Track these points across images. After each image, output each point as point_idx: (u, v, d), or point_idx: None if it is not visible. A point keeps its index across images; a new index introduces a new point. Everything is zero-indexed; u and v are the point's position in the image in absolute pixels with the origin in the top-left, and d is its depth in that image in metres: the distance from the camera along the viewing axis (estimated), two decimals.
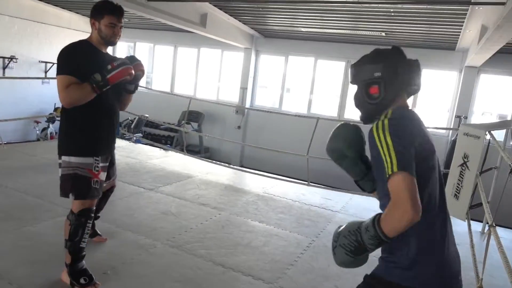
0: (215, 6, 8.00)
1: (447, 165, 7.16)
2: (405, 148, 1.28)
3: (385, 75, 1.44)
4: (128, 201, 4.09)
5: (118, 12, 2.36)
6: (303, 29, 8.81)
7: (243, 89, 10.37)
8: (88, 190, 2.36)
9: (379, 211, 1.44)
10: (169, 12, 7.12)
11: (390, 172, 1.26)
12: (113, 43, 2.42)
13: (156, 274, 2.78)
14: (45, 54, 10.33)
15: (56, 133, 10.16)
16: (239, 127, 10.35)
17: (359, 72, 1.52)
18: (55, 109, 10.41)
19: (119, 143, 6.94)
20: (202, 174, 5.53)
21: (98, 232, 3.13)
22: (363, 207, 4.89)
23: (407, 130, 1.35)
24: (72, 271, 2.43)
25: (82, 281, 2.42)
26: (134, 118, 9.25)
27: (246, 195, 4.83)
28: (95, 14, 2.35)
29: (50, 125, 10.08)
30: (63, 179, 2.37)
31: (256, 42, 10.31)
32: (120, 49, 12.64)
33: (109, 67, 2.26)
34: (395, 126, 1.33)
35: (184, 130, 8.05)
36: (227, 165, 6.57)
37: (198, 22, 8.04)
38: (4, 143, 5.67)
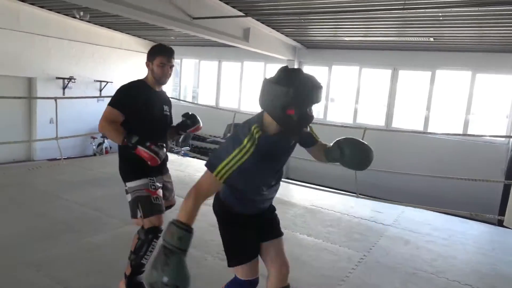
0: (257, 20, 8.14)
1: (509, 175, 6.70)
2: None
3: None
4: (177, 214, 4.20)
5: (167, 52, 2.54)
6: (346, 38, 8.71)
7: None
8: (151, 207, 2.49)
9: (433, 224, 1.41)
10: (213, 28, 7.34)
11: None
12: (163, 83, 2.59)
13: (208, 287, 2.81)
14: (99, 73, 11.02)
15: (110, 147, 10.73)
16: None
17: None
18: None
19: (168, 157, 7.18)
20: None
21: None
22: (417, 221, 4.66)
23: None
24: (129, 283, 2.53)
25: None
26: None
27: (293, 207, 4.79)
28: (149, 56, 2.58)
29: (105, 140, 10.67)
30: (131, 203, 2.54)
31: (298, 54, 10.33)
32: None
33: (147, 144, 2.38)
34: None
35: None
36: None
37: (241, 37, 8.21)
38: (64, 158, 6.07)
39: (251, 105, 11.23)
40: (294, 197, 5.40)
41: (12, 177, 5.28)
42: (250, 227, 2.01)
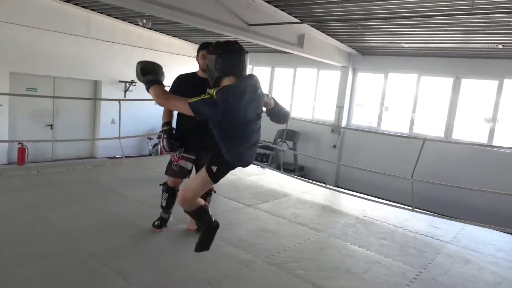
0: (312, 26, 8.11)
1: None
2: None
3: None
4: (229, 216, 4.27)
5: (207, 46, 3.02)
6: (405, 45, 8.40)
7: (339, 108, 10.21)
8: (169, 168, 3.48)
9: (497, 245, 1.32)
10: (268, 34, 7.42)
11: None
12: (205, 70, 2.95)
13: None
14: None
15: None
16: (334, 146, 10.18)
17: None
18: None
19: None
20: (298, 193, 5.54)
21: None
22: (479, 239, 4.36)
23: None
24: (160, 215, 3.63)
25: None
26: None
27: (344, 217, 4.69)
28: (197, 52, 3.35)
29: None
30: None
31: (353, 60, 10.13)
32: None
33: (165, 136, 3.38)
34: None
35: (280, 148, 8.18)
36: (323, 185, 6.48)
37: (296, 43, 8.22)
38: (125, 157, 6.42)
39: (303, 111, 11.17)
40: (345, 206, 5.28)
41: (79, 173, 5.66)
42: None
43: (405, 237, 4.19)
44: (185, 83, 3.29)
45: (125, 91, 10.87)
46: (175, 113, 3.19)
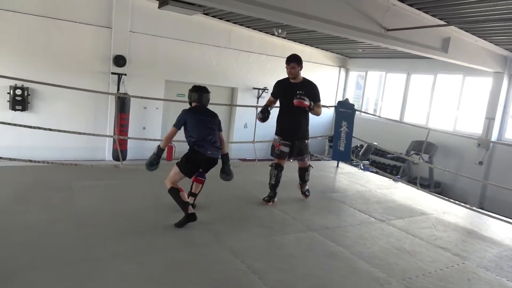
0: (460, 29, 7.31)
1: None
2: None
3: None
4: (360, 229, 4.12)
5: (288, 59, 4.47)
6: None
7: (489, 120, 8.94)
8: (273, 152, 4.68)
9: None
10: (407, 39, 6.94)
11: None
12: (291, 77, 4.49)
13: None
14: None
15: None
16: (480, 162, 8.95)
17: None
18: None
19: (348, 169, 7.16)
20: (438, 213, 5.02)
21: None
22: None
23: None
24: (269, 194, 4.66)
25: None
26: (362, 145, 9.36)
27: (497, 246, 4.06)
28: (286, 63, 4.49)
29: None
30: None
31: (510, 65, 8.77)
32: (352, 78, 13.28)
33: (259, 115, 4.60)
34: None
35: (415, 161, 7.55)
36: (468, 206, 5.73)
37: (439, 47, 7.50)
38: (259, 160, 6.78)
39: (443, 122, 10.12)
40: (497, 233, 4.57)
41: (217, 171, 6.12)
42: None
43: None
44: (280, 86, 4.61)
45: (258, 98, 11.51)
46: (275, 115, 4.62)
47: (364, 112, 11.28)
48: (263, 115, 4.47)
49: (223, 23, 10.28)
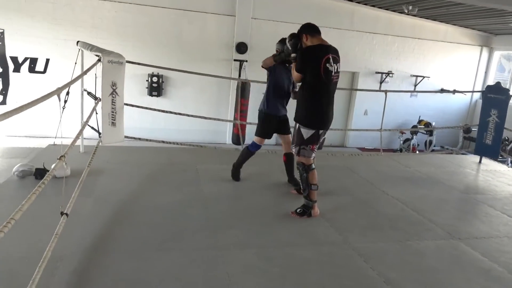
0: None
1: None
2: None
3: None
4: None
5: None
6: None
7: None
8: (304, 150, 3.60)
9: None
10: None
11: None
12: None
13: None
14: (417, 68, 10.74)
15: (418, 144, 10.37)
16: None
17: None
18: (419, 121, 10.64)
19: (493, 166, 6.07)
20: None
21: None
22: None
23: None
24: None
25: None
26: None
27: None
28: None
29: (414, 137, 10.39)
30: None
31: None
32: (494, 58, 11.38)
33: None
34: None
35: None
36: None
37: None
38: (383, 150, 6.20)
39: None
40: None
41: (338, 160, 5.77)
42: None
43: None
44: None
45: (381, 82, 10.63)
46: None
47: None
48: None
49: (345, 3, 9.65)
